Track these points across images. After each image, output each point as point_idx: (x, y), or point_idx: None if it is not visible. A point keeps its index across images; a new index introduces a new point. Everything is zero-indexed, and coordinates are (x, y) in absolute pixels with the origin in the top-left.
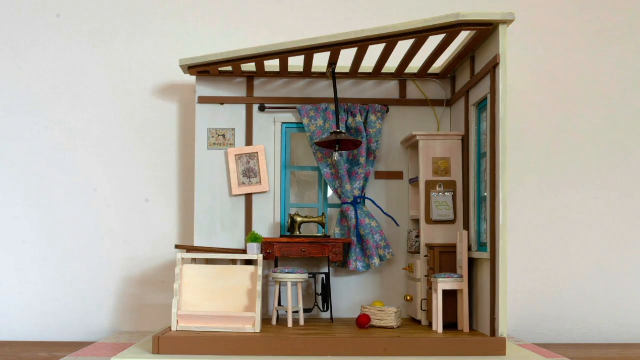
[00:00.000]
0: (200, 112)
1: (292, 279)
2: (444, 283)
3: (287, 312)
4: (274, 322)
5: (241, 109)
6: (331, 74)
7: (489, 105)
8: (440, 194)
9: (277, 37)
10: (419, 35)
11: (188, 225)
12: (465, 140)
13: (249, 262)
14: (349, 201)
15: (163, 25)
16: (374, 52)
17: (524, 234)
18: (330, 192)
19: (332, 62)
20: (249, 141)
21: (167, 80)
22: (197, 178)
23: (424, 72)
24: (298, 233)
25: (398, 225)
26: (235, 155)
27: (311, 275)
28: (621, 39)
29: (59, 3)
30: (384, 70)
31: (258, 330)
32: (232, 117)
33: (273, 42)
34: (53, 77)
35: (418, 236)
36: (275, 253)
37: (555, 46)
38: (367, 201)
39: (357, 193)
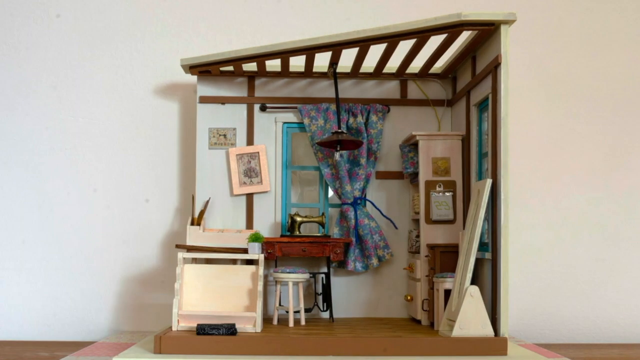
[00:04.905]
0: (201, 111)
1: (294, 278)
2: (446, 283)
3: (287, 311)
4: (275, 322)
5: (242, 108)
6: (332, 73)
7: (490, 106)
8: (440, 193)
9: (278, 37)
10: (420, 35)
11: None
12: (466, 140)
13: (249, 262)
14: (349, 202)
15: (164, 25)
16: (375, 52)
17: (525, 234)
18: (331, 192)
19: (333, 62)
20: (250, 141)
21: (168, 80)
22: (197, 178)
23: (425, 72)
24: (298, 233)
25: (397, 228)
26: (236, 155)
27: (311, 275)
28: (622, 39)
29: (59, 3)
30: (385, 70)
31: (259, 330)
32: (233, 116)
33: (274, 42)
34: (53, 77)
35: (418, 236)
36: (276, 253)
37: (557, 46)
38: (367, 202)
39: (357, 194)
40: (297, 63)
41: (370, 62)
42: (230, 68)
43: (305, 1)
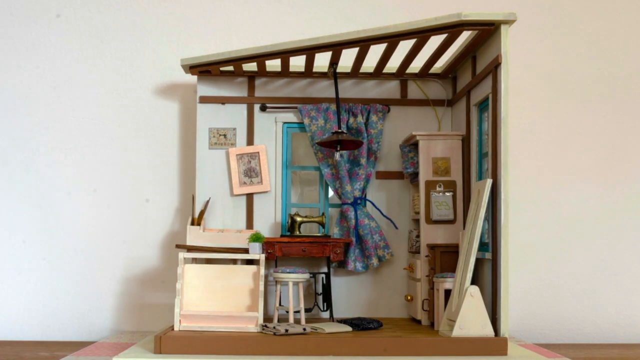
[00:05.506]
0: (202, 111)
1: (294, 278)
2: (446, 283)
3: (287, 311)
4: (275, 321)
5: (242, 108)
6: (332, 73)
7: (490, 105)
8: (440, 193)
9: (278, 36)
10: (421, 35)
11: None
12: (466, 140)
13: (249, 262)
14: (349, 202)
15: (164, 25)
16: (375, 52)
17: (525, 234)
18: (331, 192)
19: (334, 62)
20: (250, 141)
21: (168, 80)
22: (198, 178)
23: (425, 72)
24: (298, 233)
25: (397, 228)
26: (237, 155)
27: (311, 275)
28: (622, 39)
29: (59, 3)
30: (385, 70)
31: (260, 330)
32: (233, 116)
33: (274, 42)
34: (53, 77)
35: (418, 236)
36: (276, 253)
37: (557, 46)
38: (367, 202)
39: (357, 194)
40: (297, 63)
41: (370, 62)
42: (230, 68)
43: (305, 1)
